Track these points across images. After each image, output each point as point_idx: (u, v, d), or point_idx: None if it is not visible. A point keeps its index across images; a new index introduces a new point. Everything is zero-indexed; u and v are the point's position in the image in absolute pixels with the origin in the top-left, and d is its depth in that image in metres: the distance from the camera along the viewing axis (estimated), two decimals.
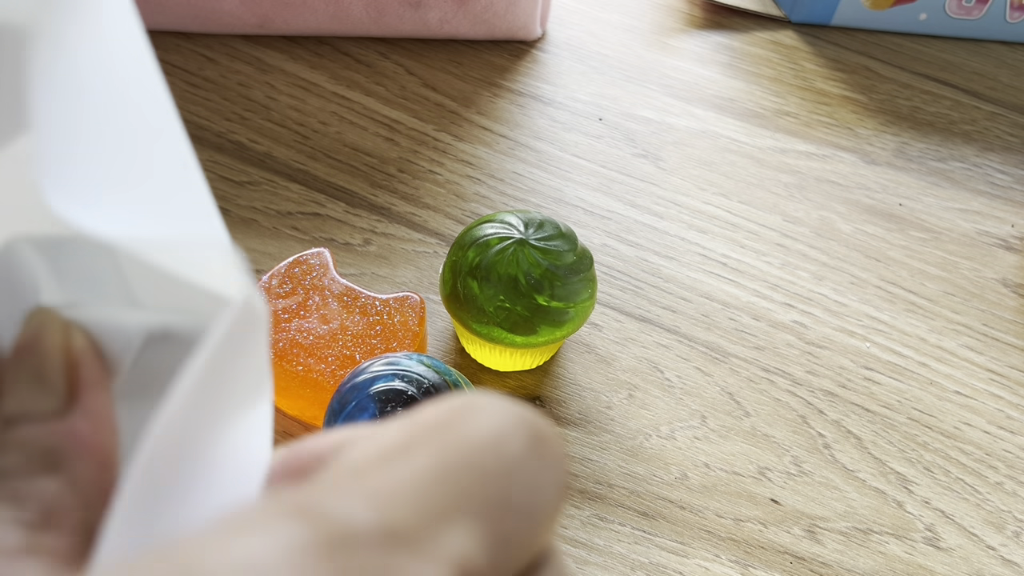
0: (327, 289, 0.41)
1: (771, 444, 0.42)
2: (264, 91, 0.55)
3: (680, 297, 0.48)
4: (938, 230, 0.53)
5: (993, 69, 0.65)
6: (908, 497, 0.41)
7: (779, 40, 0.65)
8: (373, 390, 0.36)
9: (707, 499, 0.40)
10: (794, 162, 0.56)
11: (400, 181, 0.52)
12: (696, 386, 0.44)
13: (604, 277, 0.48)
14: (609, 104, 0.58)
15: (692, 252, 0.50)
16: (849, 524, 0.40)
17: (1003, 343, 0.48)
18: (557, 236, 0.40)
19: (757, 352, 0.46)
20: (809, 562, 0.39)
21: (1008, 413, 0.45)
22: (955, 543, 0.40)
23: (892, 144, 0.58)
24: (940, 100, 0.62)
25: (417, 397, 0.35)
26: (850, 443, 0.43)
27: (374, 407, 0.35)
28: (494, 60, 0.60)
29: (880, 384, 0.45)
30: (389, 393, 0.35)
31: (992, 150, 0.59)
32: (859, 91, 0.62)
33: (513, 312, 0.39)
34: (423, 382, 0.36)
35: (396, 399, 0.35)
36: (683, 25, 0.66)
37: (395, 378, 0.36)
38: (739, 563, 0.38)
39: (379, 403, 0.35)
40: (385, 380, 0.36)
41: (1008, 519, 0.41)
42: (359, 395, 0.36)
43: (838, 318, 0.48)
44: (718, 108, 0.59)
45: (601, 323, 0.46)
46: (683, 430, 0.43)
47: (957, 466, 0.43)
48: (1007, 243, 0.53)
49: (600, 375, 0.44)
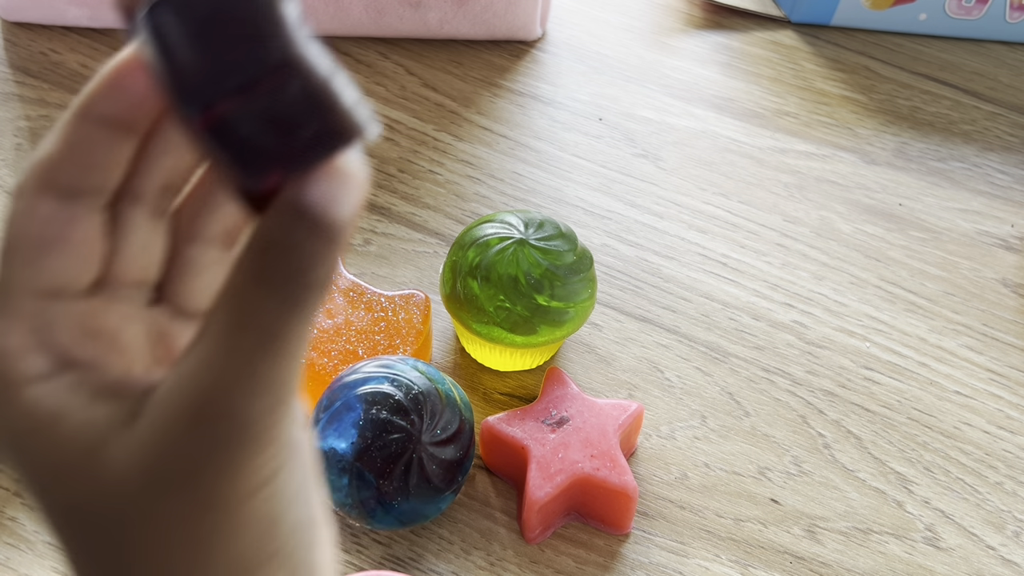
0: (333, 284, 0.41)
1: (771, 444, 0.42)
2: None
3: (680, 297, 0.48)
4: (938, 230, 0.53)
5: (993, 69, 0.65)
6: (908, 497, 0.41)
7: (779, 40, 0.65)
8: (361, 391, 0.36)
9: (707, 499, 0.40)
10: (794, 162, 0.56)
11: (400, 181, 0.52)
12: (696, 386, 0.44)
13: (604, 277, 0.48)
14: (609, 104, 0.58)
15: (692, 252, 0.50)
16: (849, 524, 0.40)
17: (1003, 343, 0.48)
18: (557, 236, 0.40)
19: (757, 352, 0.46)
20: (809, 562, 0.39)
21: (1008, 413, 0.45)
22: (955, 543, 0.40)
23: (892, 144, 0.58)
24: (940, 100, 0.62)
25: (404, 403, 0.35)
26: (850, 443, 0.43)
27: (360, 408, 0.35)
28: (494, 60, 0.60)
29: (880, 384, 0.45)
30: (377, 396, 0.35)
31: (992, 150, 0.59)
32: (859, 91, 0.62)
33: (513, 312, 0.39)
34: (412, 388, 0.36)
35: (383, 402, 0.35)
36: (683, 25, 0.66)
37: (385, 381, 0.36)
38: (739, 563, 0.38)
39: (365, 404, 0.35)
40: (375, 382, 0.36)
41: (1008, 519, 0.41)
42: (347, 394, 0.36)
43: (838, 318, 0.48)
44: (718, 108, 0.59)
45: (601, 323, 0.46)
46: (683, 430, 0.43)
47: (957, 466, 0.43)
48: (1007, 243, 0.53)
49: (600, 375, 0.44)
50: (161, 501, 0.18)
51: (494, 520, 0.39)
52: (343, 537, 0.38)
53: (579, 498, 0.38)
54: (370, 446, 0.34)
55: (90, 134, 0.19)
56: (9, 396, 0.18)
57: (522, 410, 0.39)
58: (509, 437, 0.38)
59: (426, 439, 0.35)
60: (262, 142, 0.16)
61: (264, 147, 0.16)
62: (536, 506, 0.36)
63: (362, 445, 0.34)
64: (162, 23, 0.16)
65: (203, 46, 0.16)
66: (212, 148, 0.16)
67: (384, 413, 0.35)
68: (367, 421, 0.35)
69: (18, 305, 0.19)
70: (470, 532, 0.38)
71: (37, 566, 0.35)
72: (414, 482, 0.35)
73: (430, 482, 0.35)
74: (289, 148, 0.16)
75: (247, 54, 0.16)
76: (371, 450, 0.34)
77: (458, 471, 0.37)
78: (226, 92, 0.16)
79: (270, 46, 0.16)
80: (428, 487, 0.35)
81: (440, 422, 0.36)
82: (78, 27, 0.58)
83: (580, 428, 0.38)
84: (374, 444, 0.34)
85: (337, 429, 0.35)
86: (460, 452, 0.36)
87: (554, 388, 0.40)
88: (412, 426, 0.35)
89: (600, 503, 0.38)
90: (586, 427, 0.38)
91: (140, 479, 0.18)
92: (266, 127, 0.16)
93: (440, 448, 0.36)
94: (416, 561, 0.38)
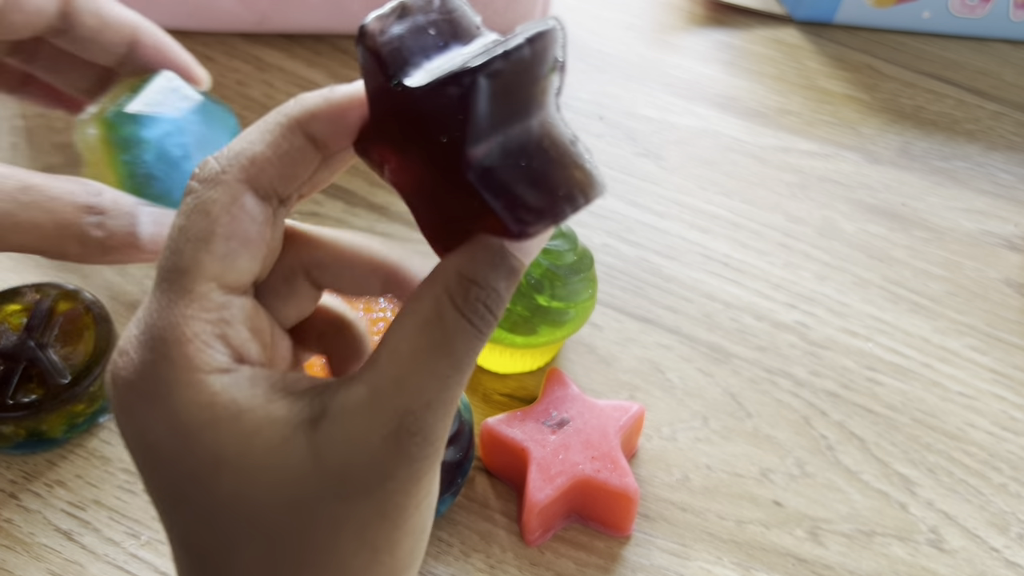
0: None
1: (773, 445, 0.42)
2: (262, 89, 0.55)
3: (682, 297, 0.48)
4: (941, 230, 0.53)
5: (997, 68, 0.64)
6: (911, 499, 0.41)
7: (781, 38, 0.65)
8: None
9: (709, 501, 0.40)
10: (796, 161, 0.56)
11: None
12: (698, 387, 0.44)
13: (605, 277, 0.48)
14: (610, 103, 0.58)
15: (694, 252, 0.50)
16: (852, 526, 0.40)
17: (1007, 343, 0.47)
18: (557, 235, 0.40)
19: (759, 353, 0.46)
20: (812, 564, 0.38)
21: (1012, 414, 0.44)
22: (959, 545, 0.40)
23: (895, 143, 0.58)
24: (943, 99, 0.61)
25: None
26: (853, 444, 0.42)
27: None
28: None
29: (883, 385, 0.45)
30: None
31: (996, 149, 0.58)
32: (862, 90, 0.61)
33: (513, 312, 0.39)
34: None
35: None
36: (685, 23, 0.65)
37: None
38: (741, 566, 0.38)
39: None
40: None
41: (1012, 521, 0.41)
42: None
43: (841, 318, 0.48)
44: (720, 107, 0.59)
45: (602, 323, 0.46)
46: (685, 431, 0.42)
47: (961, 468, 0.42)
48: (1011, 243, 0.53)
49: (601, 376, 0.44)
50: (342, 504, 0.19)
51: (494, 522, 0.39)
52: None
53: (580, 500, 0.38)
54: None
55: (299, 146, 0.20)
56: (193, 384, 0.19)
57: (522, 411, 0.39)
58: (509, 439, 0.38)
59: None
60: (529, 198, 0.19)
61: (531, 202, 0.19)
62: (536, 508, 0.36)
63: None
64: (476, 82, 0.18)
65: (498, 107, 0.19)
66: (484, 193, 0.19)
67: None
68: None
69: (207, 295, 0.19)
70: (469, 534, 0.38)
71: (33, 568, 0.35)
72: None
73: None
74: (551, 204, 0.19)
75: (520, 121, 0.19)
76: None
77: (457, 473, 0.36)
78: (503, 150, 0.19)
79: (538, 114, 0.20)
80: None
81: None
82: None
83: (581, 429, 0.38)
84: None
85: None
86: (459, 454, 0.36)
87: (554, 389, 0.40)
88: None
89: (601, 505, 0.38)
90: (587, 428, 0.38)
91: (324, 480, 0.18)
92: (529, 183, 0.19)
93: None
94: None
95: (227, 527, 0.19)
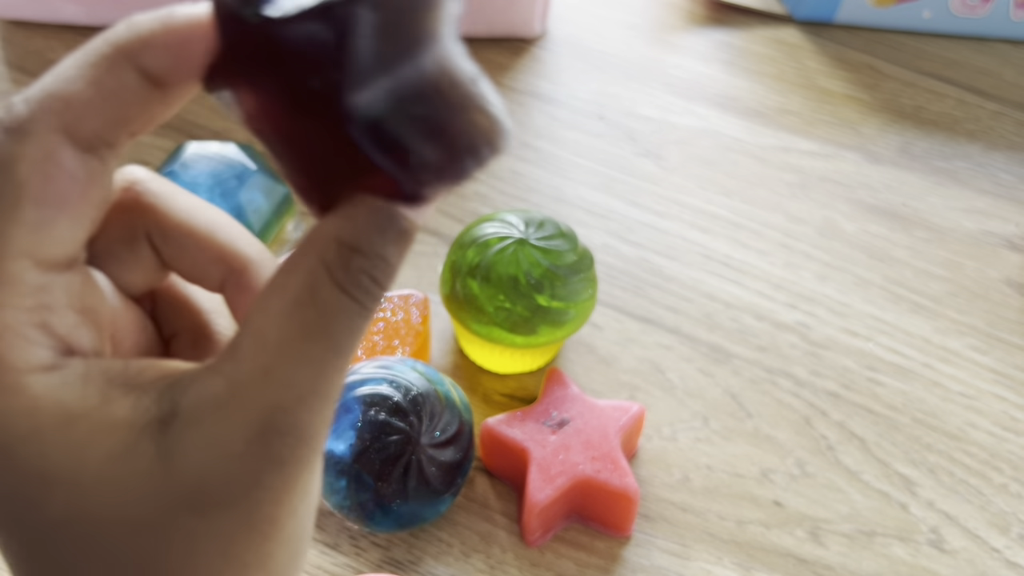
0: None
1: (774, 446, 0.42)
2: None
3: (682, 297, 0.48)
4: (942, 230, 0.53)
5: (997, 67, 0.64)
6: (912, 499, 0.41)
7: (782, 38, 0.65)
8: (360, 392, 0.35)
9: (709, 501, 0.40)
10: (797, 161, 0.56)
11: None
12: (698, 387, 0.44)
13: (605, 277, 0.48)
14: (610, 102, 0.58)
15: (694, 252, 0.50)
16: (853, 526, 0.40)
17: (1008, 343, 0.47)
18: (557, 235, 0.40)
19: (760, 353, 0.45)
20: (812, 565, 0.38)
21: (1013, 414, 0.44)
22: (959, 545, 0.40)
23: (896, 143, 0.58)
24: (944, 98, 0.61)
25: (403, 404, 0.35)
26: (854, 445, 0.42)
27: (358, 409, 0.35)
28: (494, 58, 0.59)
29: (884, 385, 0.45)
30: (375, 397, 0.35)
31: (996, 149, 0.58)
32: (862, 89, 0.61)
33: (513, 312, 0.39)
34: (411, 389, 0.35)
35: (381, 404, 0.35)
36: (685, 22, 0.65)
37: (384, 382, 0.36)
38: (741, 566, 0.38)
39: (364, 406, 0.35)
40: (374, 383, 0.36)
41: (1013, 521, 0.41)
42: (345, 395, 0.36)
43: (841, 318, 0.47)
44: (720, 106, 0.59)
45: (602, 323, 0.46)
46: (685, 431, 0.42)
47: (961, 468, 0.42)
48: (1011, 243, 0.53)
49: (601, 376, 0.44)
50: (200, 518, 0.16)
51: (494, 523, 0.39)
52: (341, 540, 0.38)
53: (580, 500, 0.38)
54: (368, 448, 0.34)
55: (129, 83, 0.16)
56: (8, 388, 0.15)
57: (522, 411, 0.39)
58: (509, 439, 0.38)
59: (425, 441, 0.35)
60: (426, 153, 0.16)
61: (428, 158, 0.16)
62: (536, 508, 0.36)
63: (360, 447, 0.34)
64: (354, 15, 0.15)
65: (384, 43, 0.15)
66: (370, 151, 0.16)
67: (382, 415, 0.35)
68: (365, 423, 0.34)
69: (19, 276, 0.16)
70: (470, 535, 0.38)
71: None
72: (413, 484, 0.35)
73: (429, 484, 0.35)
74: (452, 159, 0.16)
75: (411, 60, 0.16)
76: (369, 452, 0.34)
77: (457, 473, 0.36)
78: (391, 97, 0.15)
79: (432, 50, 0.16)
80: (427, 489, 0.35)
81: (439, 424, 0.35)
82: (74, 24, 0.58)
83: (581, 430, 0.38)
84: (372, 446, 0.34)
85: (335, 431, 0.35)
86: (459, 454, 0.36)
87: (554, 389, 0.40)
88: (411, 428, 0.35)
89: (601, 505, 0.38)
90: (587, 429, 0.38)
91: (177, 492, 0.16)
92: (425, 135, 0.16)
93: (439, 450, 0.35)
94: (415, 564, 0.37)
95: (62, 553, 0.16)
